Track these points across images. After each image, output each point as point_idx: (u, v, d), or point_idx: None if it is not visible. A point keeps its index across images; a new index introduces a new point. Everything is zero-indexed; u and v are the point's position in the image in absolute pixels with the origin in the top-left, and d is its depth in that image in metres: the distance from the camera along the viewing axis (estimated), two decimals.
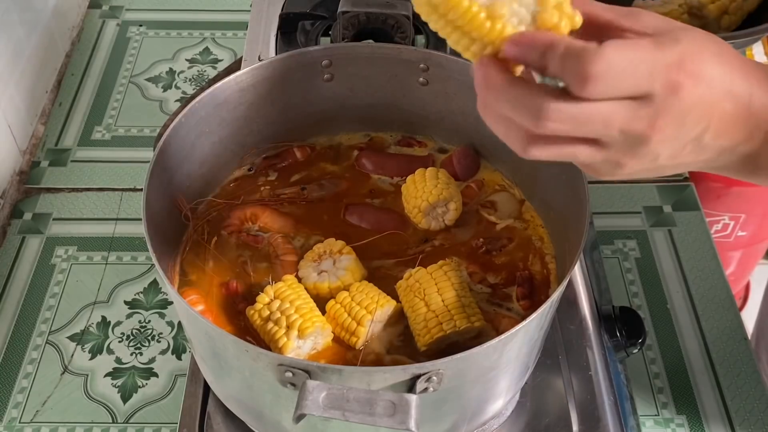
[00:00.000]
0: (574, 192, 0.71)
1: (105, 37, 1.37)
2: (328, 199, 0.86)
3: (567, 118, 0.48)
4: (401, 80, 0.86)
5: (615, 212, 1.12)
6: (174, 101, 1.26)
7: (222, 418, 0.80)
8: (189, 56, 1.34)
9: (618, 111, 0.48)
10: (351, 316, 0.72)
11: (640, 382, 0.94)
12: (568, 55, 0.47)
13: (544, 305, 0.64)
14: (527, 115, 0.49)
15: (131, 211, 1.11)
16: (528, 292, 0.77)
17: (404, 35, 1.03)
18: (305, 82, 0.86)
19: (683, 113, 0.49)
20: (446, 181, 0.82)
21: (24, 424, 0.90)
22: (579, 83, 0.47)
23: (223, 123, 0.83)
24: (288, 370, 0.59)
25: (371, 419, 0.57)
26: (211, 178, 0.86)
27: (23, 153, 1.17)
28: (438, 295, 0.73)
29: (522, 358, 0.71)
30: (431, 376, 0.60)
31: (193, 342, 0.73)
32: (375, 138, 0.92)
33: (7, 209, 1.10)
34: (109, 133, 1.21)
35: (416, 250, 0.81)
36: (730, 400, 0.92)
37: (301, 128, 0.90)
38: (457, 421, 0.71)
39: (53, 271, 1.04)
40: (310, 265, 0.78)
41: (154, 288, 1.02)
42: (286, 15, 1.11)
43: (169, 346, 0.97)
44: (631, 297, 1.02)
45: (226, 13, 1.42)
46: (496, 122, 0.52)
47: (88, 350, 0.96)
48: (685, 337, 0.98)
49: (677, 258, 1.06)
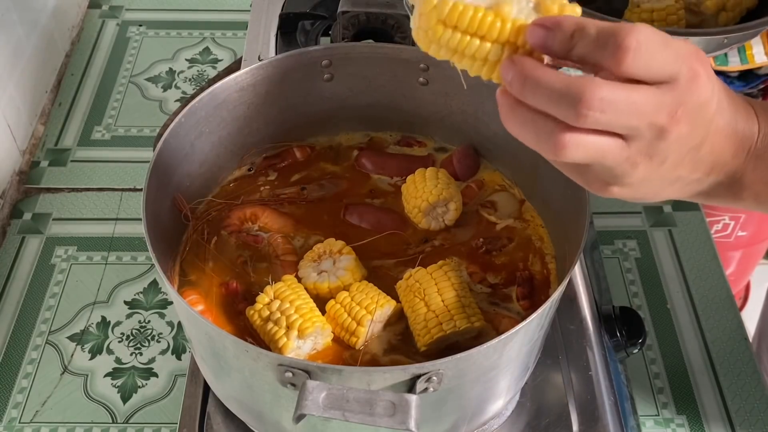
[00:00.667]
0: (574, 192, 0.71)
1: (105, 37, 1.37)
2: (328, 199, 0.86)
3: (608, 105, 0.47)
4: (401, 80, 0.86)
5: (615, 212, 1.12)
6: (174, 101, 1.26)
7: (222, 418, 0.80)
8: (189, 56, 1.34)
9: (648, 98, 0.48)
10: (351, 316, 0.72)
11: (640, 382, 0.94)
12: (602, 32, 0.47)
13: (545, 305, 0.64)
14: (568, 104, 0.47)
15: (131, 211, 1.11)
16: (528, 292, 0.77)
17: (404, 35, 1.03)
18: (305, 82, 0.86)
19: (696, 108, 0.50)
20: (446, 181, 0.82)
21: (24, 424, 0.90)
22: (617, 57, 0.47)
23: (223, 123, 0.83)
24: (288, 370, 0.59)
25: (371, 419, 0.57)
26: (211, 178, 0.85)
27: (23, 153, 1.17)
28: (438, 295, 0.73)
29: (522, 358, 0.71)
30: (431, 376, 0.60)
31: (193, 342, 0.73)
32: (375, 138, 0.92)
33: (6, 209, 1.10)
34: (108, 133, 1.21)
35: (416, 250, 0.81)
36: (730, 401, 0.92)
37: (301, 128, 0.90)
38: (457, 421, 0.71)
39: (53, 271, 1.04)
40: (309, 265, 0.78)
41: (154, 288, 1.02)
42: (286, 15, 1.11)
43: (169, 346, 0.97)
44: (631, 297, 1.02)
45: (226, 13, 1.42)
46: (523, 127, 0.51)
47: (88, 350, 0.96)
48: (686, 338, 0.98)
49: (677, 258, 1.06)
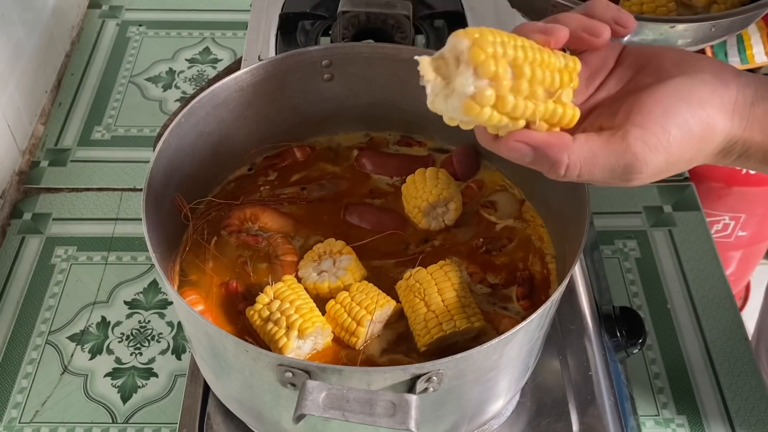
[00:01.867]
0: (574, 192, 0.71)
1: (105, 37, 1.37)
2: (328, 199, 0.86)
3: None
4: (401, 80, 0.86)
5: (615, 212, 1.12)
6: (174, 101, 1.26)
7: (222, 418, 0.80)
8: (189, 56, 1.34)
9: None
10: (351, 317, 0.72)
11: (641, 382, 0.94)
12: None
13: (545, 305, 0.64)
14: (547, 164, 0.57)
15: (131, 211, 1.11)
16: (528, 292, 0.77)
17: (404, 35, 1.03)
18: (305, 82, 0.86)
19: None
20: (446, 181, 0.82)
21: (24, 424, 0.90)
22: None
23: (223, 123, 0.82)
24: (288, 370, 0.59)
25: (371, 419, 0.57)
26: (211, 178, 0.85)
27: (23, 153, 1.17)
28: (438, 296, 0.73)
29: (522, 358, 0.71)
30: (431, 376, 0.60)
31: (193, 342, 0.73)
32: (375, 138, 0.92)
33: (6, 209, 1.10)
34: (108, 133, 1.21)
35: (416, 250, 0.81)
36: (730, 400, 0.92)
37: (300, 128, 0.90)
38: (457, 421, 0.71)
39: (53, 271, 1.04)
40: (309, 265, 0.78)
41: (154, 288, 1.02)
42: (286, 15, 1.11)
43: (168, 346, 0.97)
44: (632, 297, 1.02)
45: (226, 13, 1.42)
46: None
47: (88, 350, 0.96)
48: (686, 337, 0.98)
49: (677, 258, 1.06)
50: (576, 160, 0.54)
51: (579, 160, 0.54)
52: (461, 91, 0.51)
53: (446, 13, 1.11)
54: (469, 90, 0.51)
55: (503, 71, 0.51)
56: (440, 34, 1.09)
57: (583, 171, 0.55)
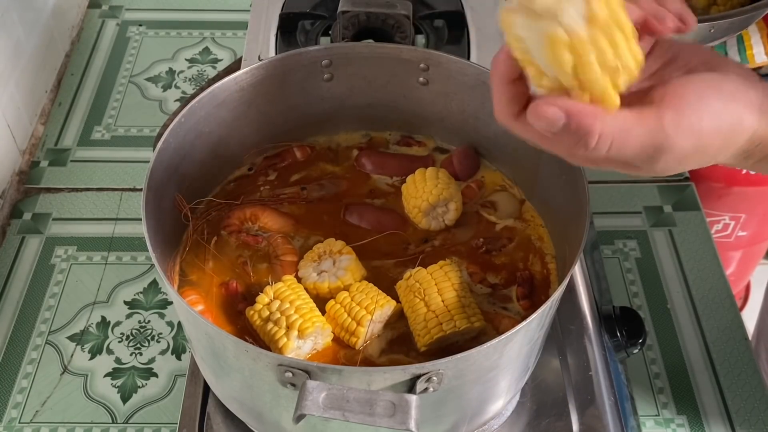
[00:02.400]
0: (574, 192, 0.71)
1: (105, 37, 1.37)
2: (328, 199, 0.86)
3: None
4: (401, 80, 0.86)
5: (615, 212, 1.12)
6: (174, 101, 1.26)
7: (222, 418, 0.80)
8: (189, 56, 1.34)
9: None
10: (351, 317, 0.72)
11: (641, 382, 0.94)
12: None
13: (545, 305, 0.64)
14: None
15: (131, 211, 1.11)
16: (528, 292, 0.77)
17: (404, 35, 1.03)
18: (305, 81, 0.86)
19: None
20: (446, 181, 0.82)
21: (24, 424, 0.90)
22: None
23: (223, 123, 0.82)
24: (288, 371, 0.59)
25: (371, 419, 0.57)
26: (211, 178, 0.85)
27: (23, 153, 1.17)
28: (438, 296, 0.73)
29: (522, 358, 0.71)
30: (431, 376, 0.60)
31: (193, 342, 0.73)
32: (374, 138, 0.92)
33: (6, 209, 1.10)
34: (108, 133, 1.21)
35: (416, 250, 0.81)
36: (730, 400, 0.92)
37: (300, 128, 0.90)
38: (457, 421, 0.71)
39: (53, 271, 1.04)
40: (309, 265, 0.78)
41: (154, 288, 1.02)
42: (286, 15, 1.11)
43: (168, 346, 0.97)
44: (632, 297, 1.02)
45: (226, 12, 1.42)
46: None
47: (88, 350, 0.96)
48: (686, 337, 0.98)
49: (677, 258, 1.06)
50: (609, 132, 0.52)
51: (613, 132, 0.52)
52: (564, 20, 0.48)
53: (446, 13, 1.11)
54: (576, 23, 0.48)
55: (608, 30, 0.49)
56: (440, 34, 1.09)
57: (615, 145, 0.52)
